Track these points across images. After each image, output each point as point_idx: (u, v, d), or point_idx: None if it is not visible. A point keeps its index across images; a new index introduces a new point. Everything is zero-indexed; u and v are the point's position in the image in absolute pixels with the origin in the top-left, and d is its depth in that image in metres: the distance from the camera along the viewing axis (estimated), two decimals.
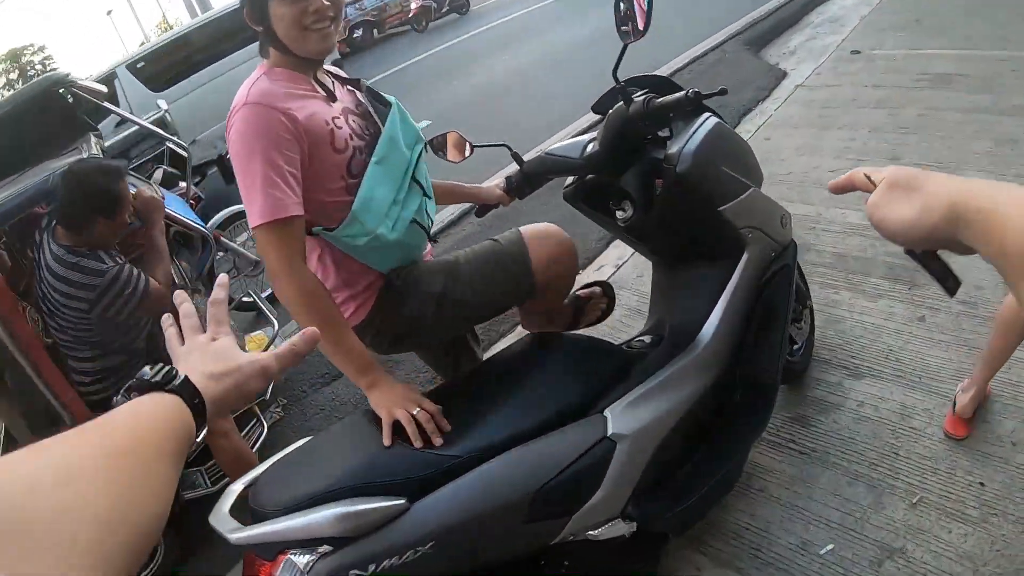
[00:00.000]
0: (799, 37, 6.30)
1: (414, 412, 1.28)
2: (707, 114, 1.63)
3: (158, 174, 3.86)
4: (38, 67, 31.24)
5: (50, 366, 2.11)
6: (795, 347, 2.08)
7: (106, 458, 0.42)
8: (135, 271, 2.10)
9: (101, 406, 2.21)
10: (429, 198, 1.56)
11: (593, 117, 1.70)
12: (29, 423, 2.22)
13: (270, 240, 1.28)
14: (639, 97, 1.50)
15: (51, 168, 2.32)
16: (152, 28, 32.42)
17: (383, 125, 1.49)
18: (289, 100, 1.32)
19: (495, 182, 1.85)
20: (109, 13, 38.90)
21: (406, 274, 1.51)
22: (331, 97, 1.44)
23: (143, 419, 0.50)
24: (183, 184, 3.59)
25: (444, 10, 14.80)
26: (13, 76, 30.98)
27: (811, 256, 2.72)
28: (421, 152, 1.55)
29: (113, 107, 3.18)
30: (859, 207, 3.03)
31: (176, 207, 2.88)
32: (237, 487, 1.33)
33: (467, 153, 1.77)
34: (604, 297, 1.92)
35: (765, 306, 1.69)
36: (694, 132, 1.56)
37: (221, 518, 1.23)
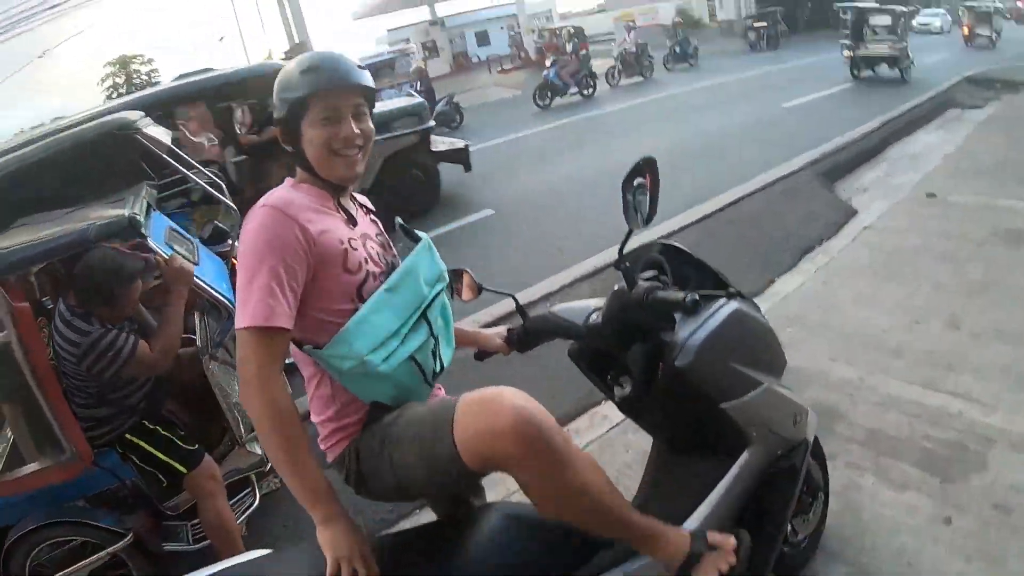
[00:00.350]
0: (875, 172, 6.25)
1: (357, 569, 1.23)
2: (724, 299, 1.59)
3: (208, 229, 4.01)
4: (144, 77, 32.86)
5: (60, 398, 2.25)
6: (799, 537, 1.99)
7: None
8: (121, 336, 2.24)
9: (98, 445, 2.35)
10: (436, 339, 1.50)
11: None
12: (36, 443, 2.35)
13: (251, 345, 1.26)
14: (644, 282, 1.49)
15: (95, 216, 2.42)
16: (256, 60, 35.08)
17: (402, 260, 1.51)
18: (307, 212, 1.35)
19: (498, 329, 1.86)
20: (221, 40, 42.35)
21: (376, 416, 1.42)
22: (351, 221, 1.47)
23: None
24: (231, 241, 3.66)
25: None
26: (120, 80, 32.75)
27: (842, 429, 2.62)
28: (441, 292, 1.53)
29: (174, 152, 3.42)
30: (904, 376, 2.95)
31: (210, 272, 2.90)
32: None
33: (477, 294, 1.80)
34: (735, 557, 1.43)
35: (761, 505, 1.61)
36: (705, 321, 1.51)
37: None
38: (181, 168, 3.59)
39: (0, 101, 35.97)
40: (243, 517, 2.66)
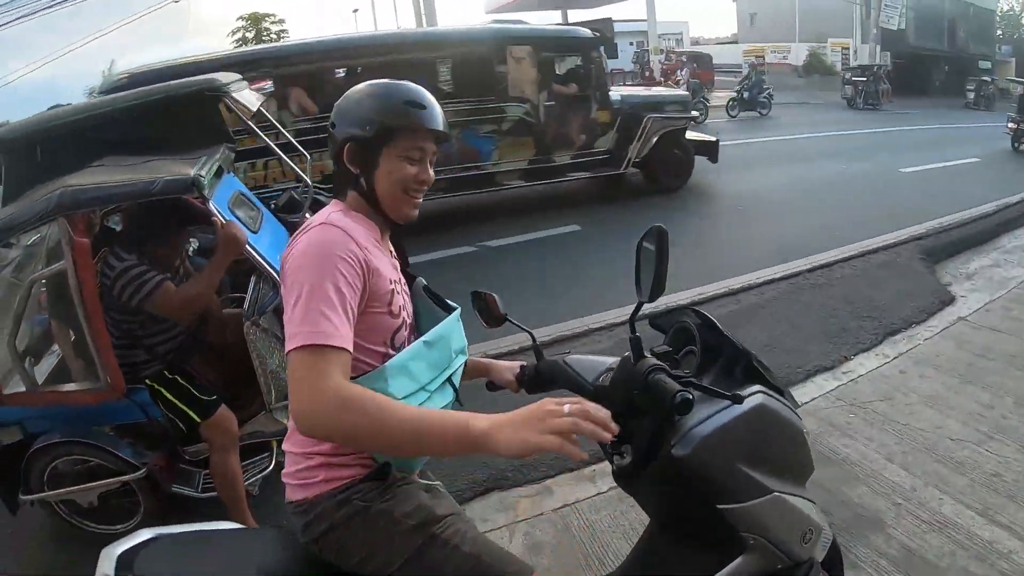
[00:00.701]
0: (982, 260, 5.81)
1: (564, 412, 1.03)
2: (749, 390, 1.42)
3: (284, 197, 4.06)
4: (273, 35, 33.74)
5: (103, 331, 2.43)
6: None
7: None
8: (148, 273, 2.45)
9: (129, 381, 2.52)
10: (461, 405, 1.50)
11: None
12: (78, 365, 2.58)
13: (306, 368, 1.09)
14: (651, 358, 1.37)
15: (166, 171, 2.57)
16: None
17: (419, 318, 1.50)
18: (366, 242, 1.30)
19: (511, 364, 1.76)
20: (355, 11, 44.42)
21: (392, 479, 1.35)
22: (394, 262, 1.46)
23: None
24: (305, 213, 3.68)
25: None
26: (250, 35, 33.84)
27: (878, 540, 2.43)
28: (461, 366, 1.52)
29: (264, 114, 3.67)
30: (960, 497, 2.74)
31: (267, 242, 2.94)
32: (116, 551, 1.26)
33: (500, 323, 1.77)
34: None
35: None
36: (718, 412, 1.35)
37: None
38: (263, 136, 3.77)
39: (137, 39, 39.90)
40: (257, 479, 2.76)
